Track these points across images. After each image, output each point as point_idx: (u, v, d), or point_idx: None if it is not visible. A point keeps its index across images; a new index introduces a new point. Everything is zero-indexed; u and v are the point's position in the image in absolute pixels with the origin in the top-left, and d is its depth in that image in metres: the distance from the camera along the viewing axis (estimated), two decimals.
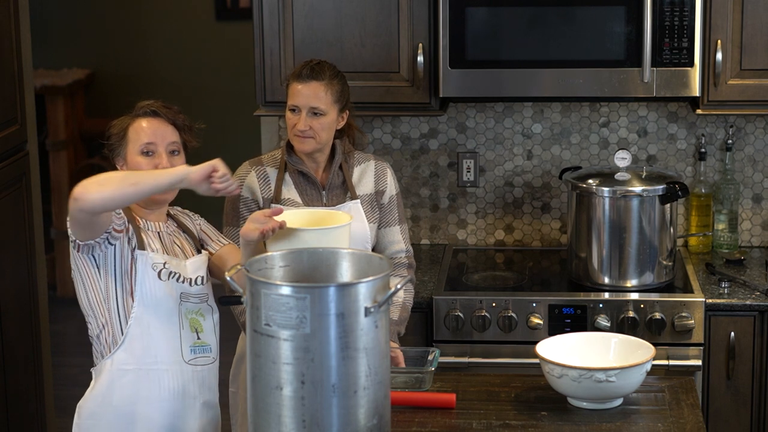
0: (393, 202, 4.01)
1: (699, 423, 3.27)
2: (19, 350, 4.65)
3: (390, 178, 4.01)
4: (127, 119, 3.47)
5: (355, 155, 3.99)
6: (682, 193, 4.25)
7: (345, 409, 2.83)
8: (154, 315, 3.36)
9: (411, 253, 4.07)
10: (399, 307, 3.93)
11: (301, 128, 3.79)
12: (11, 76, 4.64)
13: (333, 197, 3.91)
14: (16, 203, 4.68)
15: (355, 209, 3.90)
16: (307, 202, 3.88)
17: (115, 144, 3.46)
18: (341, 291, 2.81)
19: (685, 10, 4.21)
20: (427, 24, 4.34)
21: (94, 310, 3.37)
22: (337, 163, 3.91)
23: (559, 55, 4.27)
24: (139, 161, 3.41)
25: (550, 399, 3.41)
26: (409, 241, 4.07)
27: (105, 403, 3.36)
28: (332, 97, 3.80)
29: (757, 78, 4.30)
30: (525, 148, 4.79)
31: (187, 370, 3.40)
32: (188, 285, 3.42)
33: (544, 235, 4.83)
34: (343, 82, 3.85)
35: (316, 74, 3.80)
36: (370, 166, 3.99)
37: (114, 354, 3.35)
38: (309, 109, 3.78)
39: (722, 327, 4.22)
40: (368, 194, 3.96)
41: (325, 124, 3.80)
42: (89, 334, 3.41)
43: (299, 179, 3.89)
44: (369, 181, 3.97)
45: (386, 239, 4.02)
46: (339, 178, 3.93)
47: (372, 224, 3.95)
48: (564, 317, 4.21)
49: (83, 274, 3.36)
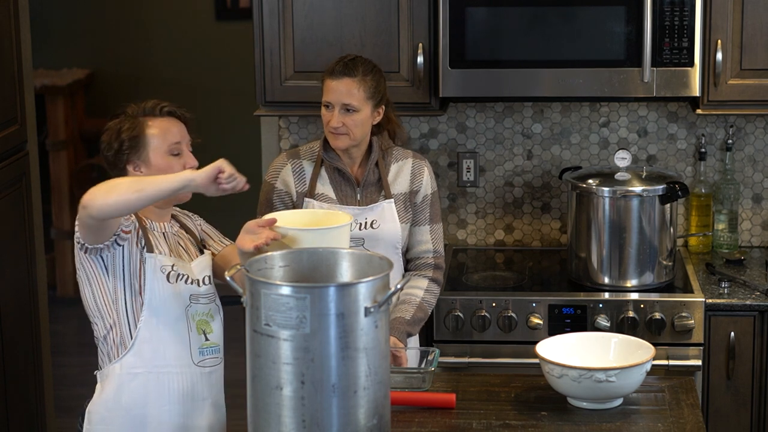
0: (426, 202, 3.98)
1: (699, 423, 3.27)
2: (19, 350, 4.65)
3: (426, 177, 3.98)
4: (135, 120, 3.42)
5: (393, 152, 3.97)
6: (682, 193, 4.25)
7: (345, 409, 2.83)
8: (163, 318, 3.36)
9: (440, 254, 4.02)
10: (414, 306, 3.90)
11: (335, 125, 3.79)
12: (11, 76, 4.64)
13: (367, 194, 3.91)
14: (16, 203, 4.68)
15: (387, 209, 3.89)
16: (342, 198, 3.88)
17: (128, 148, 3.40)
18: (341, 291, 2.81)
19: (685, 10, 4.21)
20: (427, 24, 4.34)
21: (102, 312, 3.36)
22: (374, 160, 3.90)
23: (559, 55, 4.27)
24: (170, 162, 3.40)
25: (550, 399, 3.41)
26: (441, 242, 4.02)
27: (115, 407, 3.35)
28: (365, 93, 3.79)
29: (757, 78, 4.30)
30: (525, 148, 4.79)
31: (196, 371, 3.40)
32: (197, 286, 3.42)
33: (544, 235, 4.83)
34: (377, 78, 3.84)
35: (348, 70, 3.80)
36: (408, 164, 3.97)
37: (123, 358, 3.35)
38: (342, 106, 3.79)
39: (722, 327, 4.22)
40: (402, 193, 3.94)
41: (359, 121, 3.80)
42: (95, 335, 3.40)
43: (335, 175, 3.90)
44: (404, 180, 3.95)
45: (414, 238, 3.99)
46: (375, 175, 3.92)
47: (404, 224, 3.93)
48: (564, 317, 4.21)
49: (90, 275, 3.35)
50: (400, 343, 3.80)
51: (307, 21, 4.37)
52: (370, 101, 3.81)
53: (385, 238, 3.86)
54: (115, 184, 3.17)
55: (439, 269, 4.02)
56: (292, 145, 4.81)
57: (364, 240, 3.86)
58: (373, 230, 3.86)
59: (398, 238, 3.91)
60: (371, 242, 3.86)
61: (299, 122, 4.80)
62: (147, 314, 3.34)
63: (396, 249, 3.91)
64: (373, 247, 3.84)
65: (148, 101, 3.48)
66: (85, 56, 7.82)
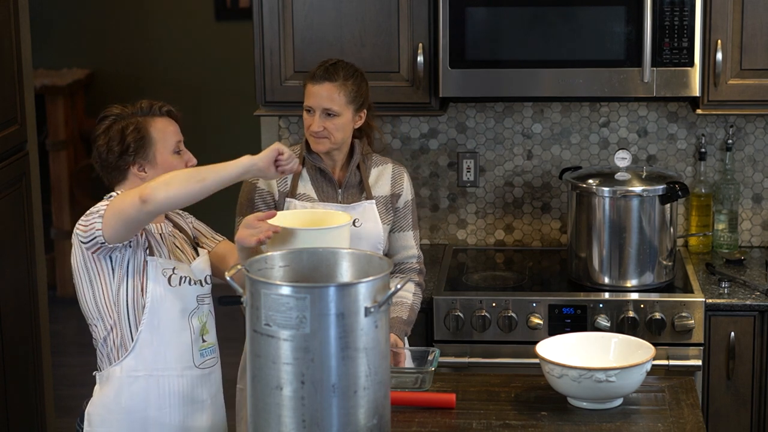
0: (408, 207, 4.00)
1: (699, 423, 3.27)
2: (19, 350, 4.65)
3: (406, 182, 4.00)
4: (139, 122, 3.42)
5: (373, 157, 3.98)
6: (682, 193, 4.25)
7: (345, 409, 2.83)
8: (165, 321, 3.35)
9: (422, 258, 4.07)
10: (407, 308, 3.93)
11: (315, 129, 3.79)
12: (11, 76, 4.64)
13: (348, 196, 3.91)
14: (16, 203, 4.68)
15: (369, 209, 3.90)
16: (323, 198, 3.88)
17: (135, 149, 3.41)
18: (341, 291, 2.81)
19: (685, 10, 4.21)
20: (427, 24, 4.34)
21: (102, 313, 3.35)
22: (355, 162, 3.91)
23: (559, 55, 4.27)
24: (174, 160, 3.41)
25: (550, 399, 3.41)
26: (419, 247, 4.07)
27: (116, 409, 3.35)
28: (346, 97, 3.79)
29: (757, 78, 4.30)
30: (525, 148, 4.79)
31: (196, 373, 3.41)
32: (200, 286, 3.43)
33: (544, 235, 4.83)
34: (358, 82, 3.83)
35: (329, 75, 3.80)
36: (388, 168, 3.99)
37: (123, 361, 3.34)
38: (322, 110, 3.79)
39: (722, 327, 4.22)
40: (384, 196, 3.95)
41: (339, 125, 3.80)
42: (93, 337, 3.40)
43: (316, 175, 3.90)
44: (385, 183, 3.96)
45: (399, 243, 4.01)
46: (356, 177, 3.93)
47: (386, 225, 3.94)
48: (564, 317, 4.21)
49: (94, 276, 3.34)
50: (400, 341, 3.80)
51: (307, 21, 4.37)
52: (351, 105, 3.81)
53: (368, 238, 3.86)
54: (173, 176, 3.18)
55: (422, 273, 4.06)
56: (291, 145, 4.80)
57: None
58: (355, 228, 3.85)
59: (380, 239, 3.91)
60: (354, 241, 3.85)
61: (299, 122, 4.80)
62: (149, 317, 3.34)
63: (378, 250, 3.91)
64: (356, 246, 3.83)
65: (141, 102, 3.47)
66: (85, 56, 7.82)
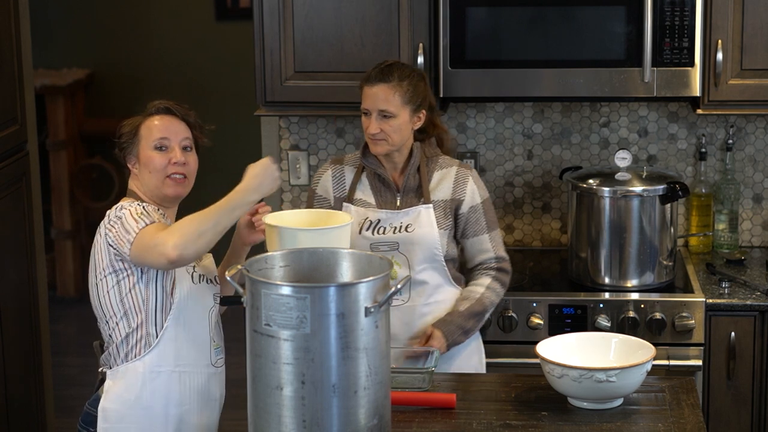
0: (478, 211, 3.91)
1: (699, 423, 3.26)
2: (19, 350, 4.65)
3: (471, 186, 3.90)
4: (139, 118, 3.48)
5: (438, 160, 3.92)
6: (682, 193, 4.25)
7: (345, 409, 2.83)
8: (188, 318, 3.38)
9: (504, 259, 3.95)
10: (472, 301, 3.86)
11: (373, 131, 3.78)
12: (11, 76, 4.64)
13: (407, 200, 3.88)
14: (16, 203, 4.68)
15: (425, 214, 3.86)
16: (381, 204, 3.87)
17: (126, 142, 3.45)
18: (341, 291, 2.81)
19: (686, 10, 4.21)
20: (428, 24, 4.34)
21: (128, 312, 3.34)
22: (414, 165, 3.87)
23: (559, 55, 4.27)
24: (152, 156, 3.41)
25: (551, 399, 3.41)
26: (502, 248, 3.95)
27: (135, 405, 3.35)
28: (401, 98, 3.78)
29: (757, 78, 4.30)
30: (525, 148, 4.79)
31: (211, 371, 3.44)
32: (214, 285, 3.46)
33: (545, 235, 4.83)
34: (414, 83, 3.81)
35: (383, 76, 3.79)
36: (451, 172, 3.91)
37: (145, 356, 3.35)
38: (378, 112, 3.78)
39: (722, 327, 4.22)
40: (443, 200, 3.88)
41: (396, 127, 3.79)
42: (110, 335, 3.38)
43: (375, 181, 3.90)
44: (446, 188, 3.89)
45: (475, 248, 3.93)
46: (415, 181, 3.89)
47: (443, 231, 3.86)
48: (564, 317, 4.21)
49: (122, 277, 3.33)
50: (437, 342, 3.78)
51: (307, 21, 4.37)
52: (408, 106, 3.79)
53: (421, 243, 3.83)
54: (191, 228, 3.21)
55: (503, 272, 3.95)
56: (292, 145, 4.82)
57: (399, 244, 3.84)
58: (407, 234, 3.83)
59: (436, 244, 3.84)
60: (406, 246, 3.84)
61: (299, 122, 4.80)
62: (175, 313, 3.35)
63: (436, 256, 3.85)
64: (409, 251, 3.83)
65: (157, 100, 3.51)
66: (85, 56, 7.81)
